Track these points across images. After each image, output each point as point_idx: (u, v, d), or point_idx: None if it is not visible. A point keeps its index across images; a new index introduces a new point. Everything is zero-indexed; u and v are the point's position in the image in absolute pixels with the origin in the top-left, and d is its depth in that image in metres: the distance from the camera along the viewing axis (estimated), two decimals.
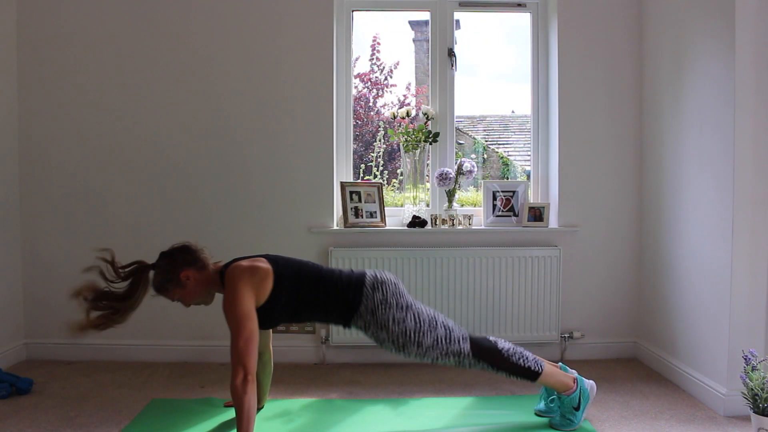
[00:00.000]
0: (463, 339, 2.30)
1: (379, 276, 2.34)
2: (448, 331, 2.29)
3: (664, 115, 3.05)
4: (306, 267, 2.36)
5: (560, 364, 2.50)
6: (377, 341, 2.31)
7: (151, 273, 2.28)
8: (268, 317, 2.28)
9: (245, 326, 2.12)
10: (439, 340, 2.27)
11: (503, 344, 2.35)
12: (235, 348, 2.09)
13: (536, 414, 2.50)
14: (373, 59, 3.67)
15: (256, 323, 2.16)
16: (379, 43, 3.64)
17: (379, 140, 3.63)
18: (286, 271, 2.29)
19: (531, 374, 2.32)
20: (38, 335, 3.30)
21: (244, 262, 2.28)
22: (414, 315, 2.28)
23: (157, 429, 2.38)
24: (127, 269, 2.29)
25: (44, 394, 2.77)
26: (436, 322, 2.30)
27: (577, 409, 2.35)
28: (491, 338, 2.41)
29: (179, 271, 2.25)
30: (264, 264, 2.27)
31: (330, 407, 2.61)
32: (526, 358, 2.33)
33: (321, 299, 2.30)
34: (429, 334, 2.26)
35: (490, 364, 2.31)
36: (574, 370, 2.50)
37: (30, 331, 3.31)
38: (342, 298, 2.30)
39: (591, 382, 2.44)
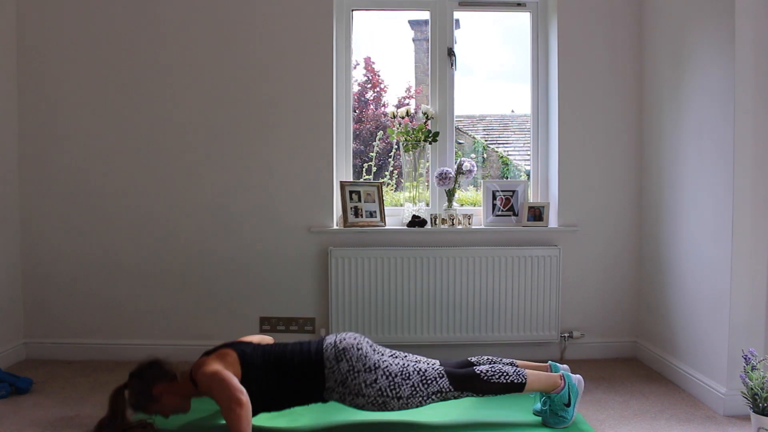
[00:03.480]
0: (439, 376, 2.30)
1: (339, 344, 2.31)
2: (422, 375, 2.29)
3: (663, 114, 3.05)
4: (270, 351, 2.34)
5: (550, 362, 2.50)
6: (357, 407, 2.29)
7: (126, 393, 2.27)
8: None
9: (239, 395, 2.09)
10: (416, 387, 2.27)
11: (482, 367, 2.35)
12: (233, 419, 2.06)
13: (534, 413, 2.50)
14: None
15: (246, 394, 2.13)
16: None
17: (379, 139, 3.63)
18: (254, 358, 2.28)
19: (516, 387, 2.32)
20: (38, 335, 3.31)
21: (208, 357, 2.27)
22: (384, 372, 2.27)
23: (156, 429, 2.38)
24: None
25: (44, 394, 2.77)
26: (407, 370, 2.29)
27: (568, 405, 2.35)
28: (472, 359, 2.42)
29: (152, 387, 2.25)
30: (230, 350, 2.28)
31: (330, 407, 2.61)
32: (506, 374, 2.32)
33: (289, 380, 2.27)
34: (404, 384, 2.26)
35: (473, 391, 2.31)
36: (565, 366, 2.50)
37: (30, 331, 3.31)
38: (307, 377, 2.27)
39: (578, 376, 2.43)
